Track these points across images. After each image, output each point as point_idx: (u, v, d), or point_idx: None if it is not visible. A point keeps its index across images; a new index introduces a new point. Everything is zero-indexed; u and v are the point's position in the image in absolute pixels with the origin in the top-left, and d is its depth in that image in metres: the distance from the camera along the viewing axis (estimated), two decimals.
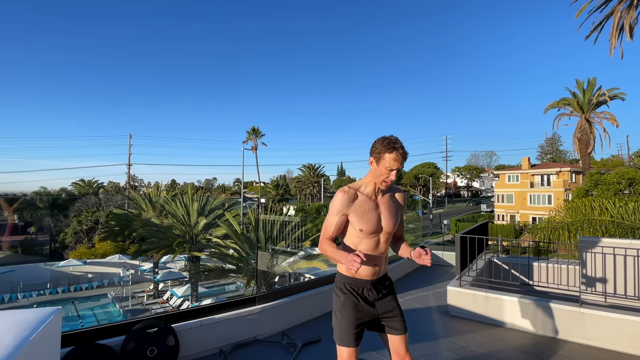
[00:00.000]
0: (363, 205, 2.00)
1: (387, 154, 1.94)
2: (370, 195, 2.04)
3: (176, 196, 19.11)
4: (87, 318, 17.02)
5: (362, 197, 2.02)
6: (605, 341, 3.83)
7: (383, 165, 1.96)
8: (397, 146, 1.95)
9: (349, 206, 1.99)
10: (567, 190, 36.75)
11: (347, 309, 2.03)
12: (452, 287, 4.98)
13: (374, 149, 2.00)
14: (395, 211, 2.09)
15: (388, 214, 2.05)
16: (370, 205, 2.02)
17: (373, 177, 2.03)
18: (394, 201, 2.12)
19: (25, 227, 32.40)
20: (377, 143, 1.99)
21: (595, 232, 8.27)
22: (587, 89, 31.84)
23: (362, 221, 1.99)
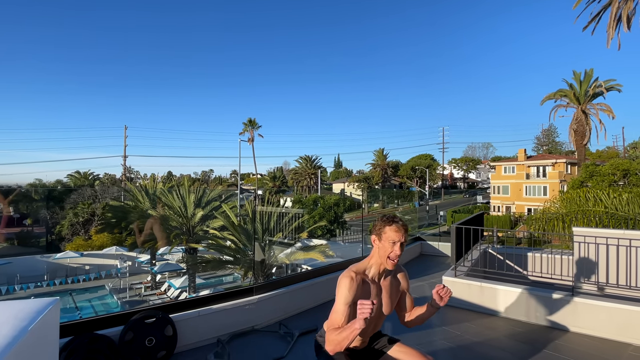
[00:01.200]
0: (367, 291, 1.99)
1: (387, 227, 1.98)
2: (375, 279, 2.04)
3: (173, 188, 19.05)
4: (85, 309, 17.07)
5: (368, 283, 2.01)
6: (597, 329, 3.91)
7: (386, 240, 1.97)
8: (396, 219, 2.00)
9: (358, 294, 1.95)
10: (562, 181, 36.98)
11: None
12: (447, 277, 5.03)
13: (374, 228, 2.04)
14: (396, 293, 2.13)
15: (389, 298, 2.07)
16: (374, 292, 2.01)
17: (378, 256, 2.01)
18: (396, 283, 2.14)
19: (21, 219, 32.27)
20: (377, 222, 2.05)
21: (589, 222, 8.36)
22: (583, 80, 31.87)
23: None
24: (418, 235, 9.13)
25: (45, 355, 1.77)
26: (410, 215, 42.99)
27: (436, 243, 8.61)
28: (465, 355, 3.49)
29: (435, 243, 8.62)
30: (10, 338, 1.48)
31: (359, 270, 2.01)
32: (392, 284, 2.10)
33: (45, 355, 1.77)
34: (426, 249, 8.62)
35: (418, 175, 60.37)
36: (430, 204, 51.10)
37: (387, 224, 1.98)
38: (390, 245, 1.95)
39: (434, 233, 11.65)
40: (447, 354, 3.52)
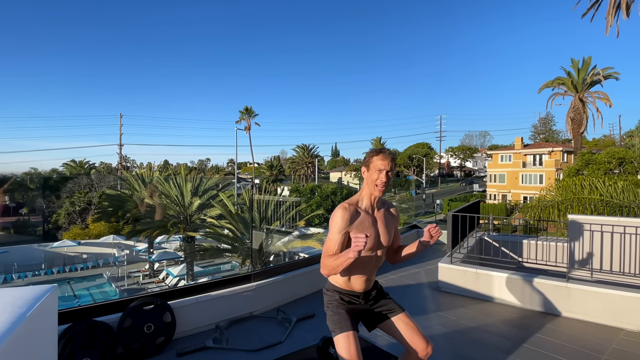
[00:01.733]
0: (363, 221, 2.04)
1: (374, 157, 2.05)
2: (368, 210, 2.08)
3: (169, 177, 18.98)
4: (83, 298, 17.16)
5: (361, 213, 2.06)
6: (590, 314, 3.97)
7: (373, 169, 2.05)
8: (383, 149, 2.09)
9: (351, 223, 2.00)
10: (558, 169, 37.16)
11: (339, 304, 2.10)
12: (443, 264, 5.08)
13: (364, 159, 2.12)
14: (391, 225, 2.16)
15: (384, 228, 2.12)
16: (369, 221, 2.06)
17: (367, 187, 2.08)
18: (389, 215, 2.19)
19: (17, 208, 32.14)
20: (366, 154, 2.12)
21: (584, 210, 8.43)
22: (581, 68, 31.77)
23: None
24: (415, 223, 9.17)
25: (44, 341, 1.78)
26: (407, 203, 43.21)
27: None
28: (460, 340, 3.55)
29: None
30: (9, 324, 1.48)
31: (352, 202, 2.07)
32: (386, 216, 2.16)
33: (44, 342, 1.78)
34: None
35: (415, 164, 60.43)
36: (427, 193, 51.30)
37: (375, 154, 2.06)
38: (376, 173, 2.03)
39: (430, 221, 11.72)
40: (442, 338, 3.58)
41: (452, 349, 3.37)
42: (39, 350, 1.70)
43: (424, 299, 4.78)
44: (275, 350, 3.29)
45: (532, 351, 3.27)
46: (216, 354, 3.21)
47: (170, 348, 3.28)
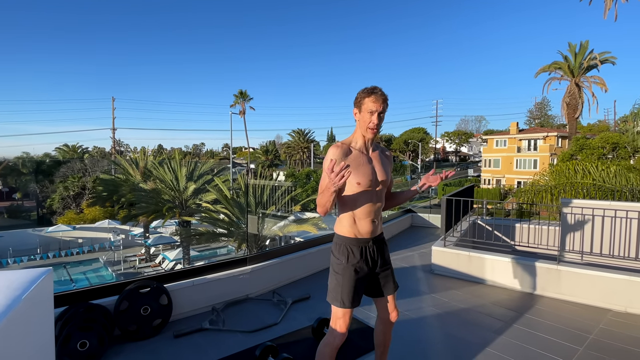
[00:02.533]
0: (357, 159, 2.00)
1: (366, 99, 1.99)
2: (362, 150, 2.05)
3: (164, 161, 18.85)
4: (80, 282, 17.23)
5: (355, 151, 2.02)
6: (579, 296, 4.06)
7: (365, 111, 1.99)
8: (375, 89, 1.99)
9: (343, 160, 1.94)
10: (552, 155, 37.37)
11: (348, 272, 2.02)
12: (437, 247, 5.15)
13: (355, 99, 2.04)
14: (385, 164, 2.13)
15: (381, 167, 2.08)
16: (364, 159, 2.03)
17: (359, 128, 2.05)
18: (384, 156, 2.16)
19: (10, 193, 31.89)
20: (358, 93, 2.04)
21: (577, 194, 8.53)
22: (578, 53, 31.60)
23: (359, 174, 1.98)
24: (409, 207, 9.24)
25: (40, 323, 1.79)
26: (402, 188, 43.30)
27: (427, 215, 8.74)
28: (452, 321, 3.62)
29: (425, 215, 8.75)
30: (4, 307, 1.48)
31: (345, 142, 2.06)
32: (382, 157, 2.14)
33: (40, 324, 1.79)
34: (417, 220, 8.75)
35: (411, 149, 60.43)
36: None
37: (367, 95, 1.98)
38: (368, 115, 1.98)
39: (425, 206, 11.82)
40: (435, 319, 3.65)
41: (444, 329, 3.45)
42: (35, 332, 1.72)
43: (418, 281, 4.85)
44: (271, 331, 3.34)
45: (522, 331, 3.36)
46: (213, 335, 3.26)
47: (167, 330, 3.33)
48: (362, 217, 2.03)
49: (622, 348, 3.04)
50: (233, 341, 3.16)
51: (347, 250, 2.04)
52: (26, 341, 1.61)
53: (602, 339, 3.21)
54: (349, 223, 2.04)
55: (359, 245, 2.04)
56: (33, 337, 1.69)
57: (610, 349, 3.02)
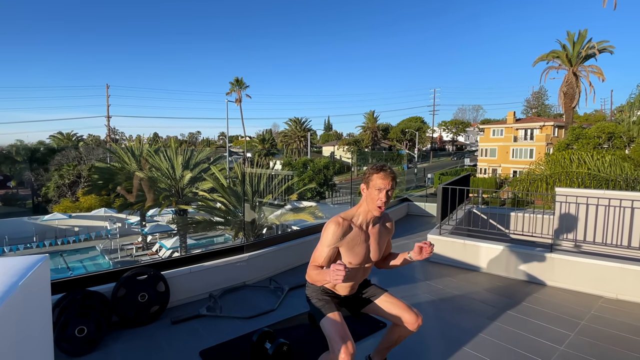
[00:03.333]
0: (355, 238, 2.03)
1: (374, 175, 2.00)
2: (362, 226, 2.07)
3: (159, 150, 18.74)
4: (77, 270, 17.25)
5: (355, 229, 2.04)
6: (572, 283, 4.13)
7: (373, 187, 2.00)
8: (384, 167, 2.01)
9: (342, 239, 2.01)
10: (549, 144, 37.49)
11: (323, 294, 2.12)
12: (432, 235, 5.19)
13: (364, 176, 2.07)
14: (383, 239, 2.16)
15: (376, 245, 2.11)
16: (361, 238, 2.05)
17: (366, 204, 2.05)
18: (383, 230, 2.17)
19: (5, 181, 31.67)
20: (366, 170, 2.07)
21: (572, 183, 8.59)
22: (577, 41, 31.46)
23: (352, 255, 2.05)
24: (405, 196, 9.27)
25: (38, 309, 1.80)
26: (399, 177, 43.48)
27: (423, 204, 8.78)
28: (446, 307, 3.68)
29: (421, 204, 8.79)
30: (1, 293, 1.49)
31: (347, 217, 2.06)
32: (380, 231, 2.14)
33: (38, 310, 1.80)
34: (413, 209, 8.80)
35: (408, 138, 60.39)
36: (418, 167, 51.64)
37: (375, 172, 2.00)
38: (376, 192, 1.99)
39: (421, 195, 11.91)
40: (429, 306, 3.70)
41: (439, 315, 3.50)
42: (33, 318, 1.72)
43: (413, 268, 4.90)
44: (268, 317, 3.38)
45: (515, 317, 3.42)
46: (210, 322, 3.29)
47: (165, 316, 3.35)
48: (344, 286, 2.14)
49: (612, 333, 3.11)
50: (230, 327, 3.20)
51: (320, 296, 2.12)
52: (24, 327, 1.61)
53: (593, 324, 3.28)
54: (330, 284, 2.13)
55: (332, 295, 2.14)
56: (31, 323, 1.70)
57: (601, 335, 3.08)
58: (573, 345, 2.90)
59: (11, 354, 1.46)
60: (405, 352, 2.80)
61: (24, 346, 1.60)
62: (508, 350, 2.83)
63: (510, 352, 2.81)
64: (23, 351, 1.59)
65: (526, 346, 2.89)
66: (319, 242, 2.06)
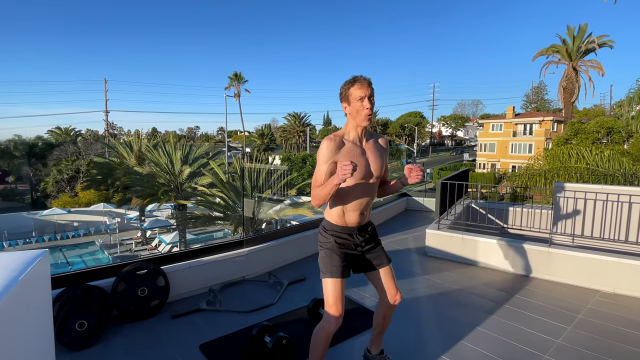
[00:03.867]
0: (351, 151, 1.99)
1: (351, 88, 1.96)
2: (355, 142, 2.03)
3: (158, 145, 18.69)
4: (76, 265, 17.29)
5: (348, 143, 2.00)
6: (569, 277, 4.15)
7: (354, 100, 1.96)
8: (357, 77, 1.97)
9: (337, 153, 1.96)
10: (548, 139, 37.50)
11: (336, 248, 2.11)
12: (431, 230, 5.21)
13: (340, 94, 2.03)
14: (380, 155, 2.11)
15: (375, 158, 2.06)
16: (358, 151, 2.01)
17: (352, 119, 2.02)
18: (378, 146, 2.13)
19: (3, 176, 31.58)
20: (341, 88, 2.02)
21: (570, 178, 8.61)
22: (577, 36, 31.33)
23: None
24: (404, 191, 9.29)
25: (38, 304, 1.81)
26: (398, 172, 43.48)
27: (421, 199, 8.80)
28: (444, 301, 3.71)
29: (420, 199, 8.81)
30: (1, 288, 1.50)
31: (338, 134, 2.02)
32: (376, 146, 2.11)
33: (38, 304, 1.81)
34: (411, 204, 8.82)
35: (407, 133, 60.33)
36: (417, 162, 51.61)
37: (351, 85, 1.96)
38: (359, 102, 1.95)
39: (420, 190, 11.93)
40: (427, 300, 3.73)
41: (437, 309, 3.52)
42: (34, 312, 1.73)
43: (411, 263, 4.93)
44: (267, 312, 3.40)
45: (512, 311, 3.44)
46: (210, 315, 3.31)
47: (165, 310, 3.37)
48: (352, 210, 2.07)
49: (608, 327, 3.14)
50: (230, 321, 3.22)
51: (332, 235, 2.12)
52: (25, 321, 1.62)
53: (589, 318, 3.30)
54: (337, 214, 2.09)
55: (345, 232, 2.11)
56: (31, 318, 1.71)
57: (597, 328, 3.11)
58: (570, 339, 2.92)
59: (12, 349, 1.47)
60: (404, 346, 2.83)
61: (25, 341, 1.61)
62: (505, 344, 2.86)
63: (508, 346, 2.83)
64: (24, 346, 1.60)
65: (523, 339, 2.92)
66: (317, 163, 1.99)
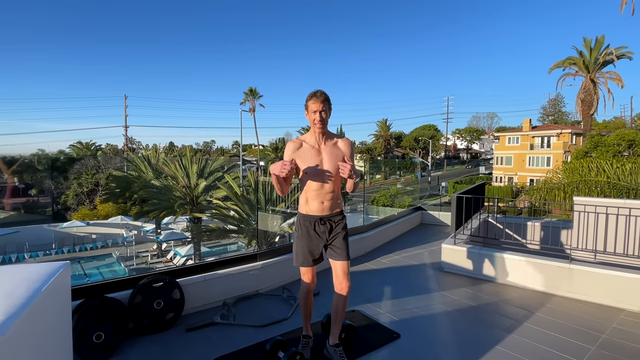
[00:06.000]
0: (306, 152, 2.44)
1: (309, 102, 2.40)
2: (313, 144, 2.46)
3: (175, 158, 19.07)
4: (93, 276, 17.57)
5: (306, 145, 2.46)
6: (591, 295, 4.01)
7: (310, 111, 2.41)
8: (315, 93, 2.39)
9: (295, 153, 2.43)
10: (566, 152, 36.71)
11: (301, 238, 2.55)
12: (447, 245, 5.12)
13: (304, 105, 2.45)
14: (334, 156, 2.46)
15: (329, 159, 2.45)
16: (313, 152, 2.44)
17: (311, 128, 2.47)
18: (336, 148, 2.50)
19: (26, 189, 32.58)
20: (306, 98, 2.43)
21: (590, 192, 8.39)
22: (594, 48, 30.90)
23: (305, 165, 2.44)
24: (419, 205, 9.20)
25: (58, 315, 1.85)
26: (412, 186, 43.13)
27: (437, 213, 8.69)
28: (461, 319, 3.62)
29: (435, 213, 8.70)
30: (25, 298, 1.54)
31: (300, 138, 2.51)
32: (333, 148, 2.49)
33: (58, 315, 1.85)
34: (427, 218, 8.71)
35: (421, 146, 59.99)
36: (432, 175, 51.11)
37: (309, 99, 2.40)
38: (312, 114, 2.39)
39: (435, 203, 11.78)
40: (443, 317, 3.65)
41: (454, 327, 3.44)
42: (54, 322, 1.77)
43: (427, 278, 4.84)
44: (281, 326, 3.38)
45: (532, 330, 3.33)
46: (224, 329, 3.31)
47: (180, 323, 3.39)
48: (312, 199, 2.50)
49: (635, 348, 3.01)
50: (244, 335, 3.21)
51: (300, 223, 2.57)
52: (46, 331, 1.66)
53: (614, 338, 3.17)
54: (302, 202, 2.56)
55: (309, 220, 2.53)
56: (52, 327, 1.75)
57: (623, 349, 2.98)
58: None
59: (34, 358, 1.50)
60: None
61: (46, 350, 1.65)
62: None
63: None
64: (45, 355, 1.63)
65: (545, 359, 2.82)
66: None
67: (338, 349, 2.66)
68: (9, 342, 1.25)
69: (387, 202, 28.53)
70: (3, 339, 1.22)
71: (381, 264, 5.47)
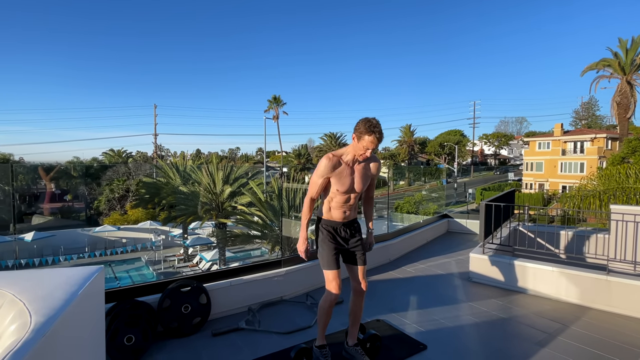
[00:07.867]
0: (342, 171, 2.49)
1: (366, 136, 2.35)
2: (349, 163, 2.51)
3: (202, 165, 19.54)
4: (123, 280, 18.18)
5: (342, 165, 2.49)
6: (632, 309, 3.79)
7: (362, 144, 2.38)
8: (375, 130, 2.34)
9: (331, 171, 2.47)
10: (601, 157, 35.09)
11: (326, 241, 2.63)
12: (475, 254, 4.98)
13: (357, 128, 2.39)
14: (365, 177, 2.57)
15: (360, 179, 2.54)
16: (347, 172, 2.50)
17: (353, 150, 2.47)
18: (367, 168, 2.59)
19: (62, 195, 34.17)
20: (360, 124, 2.38)
21: (629, 200, 7.97)
22: (630, 49, 29.55)
23: (340, 184, 2.50)
24: (445, 212, 9.00)
25: (93, 316, 1.92)
26: (438, 192, 42.34)
27: (464, 220, 8.48)
28: (491, 332, 3.50)
29: (463, 220, 8.49)
30: (64, 301, 1.61)
31: (337, 154, 2.51)
32: (365, 168, 2.57)
33: (93, 317, 1.92)
34: (453, 226, 8.52)
35: (446, 151, 58.86)
36: (458, 182, 49.96)
37: (367, 133, 2.34)
38: (363, 148, 2.40)
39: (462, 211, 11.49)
40: (472, 329, 3.54)
41: (483, 341, 3.33)
42: (89, 323, 1.85)
43: (454, 288, 4.72)
44: (305, 334, 3.38)
45: (566, 344, 3.18)
46: (249, 335, 3.34)
47: (206, 328, 3.45)
48: (336, 208, 2.62)
49: None
50: (268, 342, 3.23)
51: (324, 228, 2.66)
52: (81, 332, 1.73)
53: None
54: (325, 210, 2.65)
55: (332, 225, 2.65)
56: (87, 328, 1.82)
57: None
58: None
59: (70, 358, 1.57)
60: None
61: (81, 351, 1.72)
62: None
63: None
64: (80, 355, 1.70)
65: None
66: (314, 174, 2.52)
67: (357, 348, 2.73)
68: (48, 343, 1.31)
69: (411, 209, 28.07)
70: (44, 340, 1.28)
71: (406, 273, 5.38)
